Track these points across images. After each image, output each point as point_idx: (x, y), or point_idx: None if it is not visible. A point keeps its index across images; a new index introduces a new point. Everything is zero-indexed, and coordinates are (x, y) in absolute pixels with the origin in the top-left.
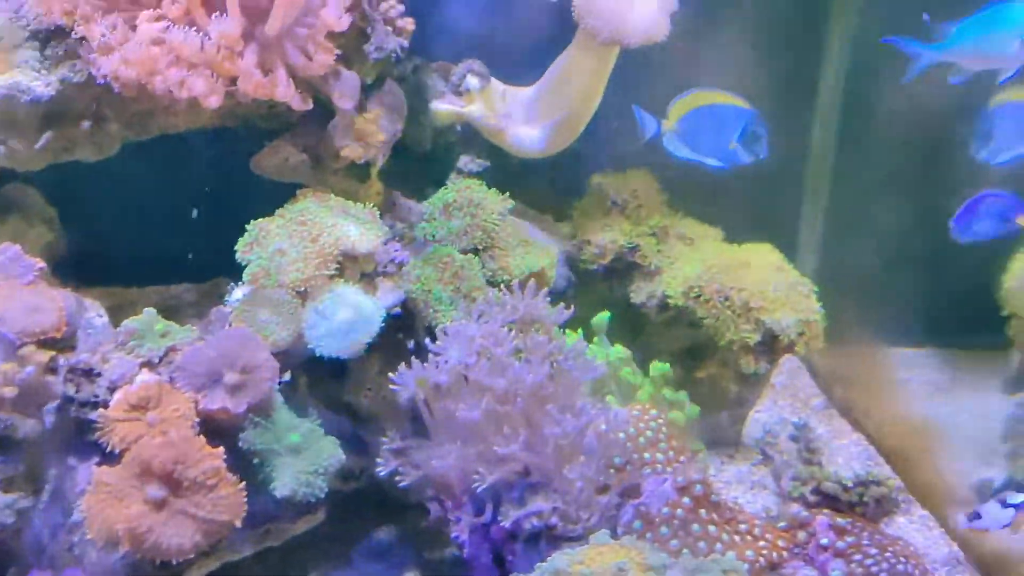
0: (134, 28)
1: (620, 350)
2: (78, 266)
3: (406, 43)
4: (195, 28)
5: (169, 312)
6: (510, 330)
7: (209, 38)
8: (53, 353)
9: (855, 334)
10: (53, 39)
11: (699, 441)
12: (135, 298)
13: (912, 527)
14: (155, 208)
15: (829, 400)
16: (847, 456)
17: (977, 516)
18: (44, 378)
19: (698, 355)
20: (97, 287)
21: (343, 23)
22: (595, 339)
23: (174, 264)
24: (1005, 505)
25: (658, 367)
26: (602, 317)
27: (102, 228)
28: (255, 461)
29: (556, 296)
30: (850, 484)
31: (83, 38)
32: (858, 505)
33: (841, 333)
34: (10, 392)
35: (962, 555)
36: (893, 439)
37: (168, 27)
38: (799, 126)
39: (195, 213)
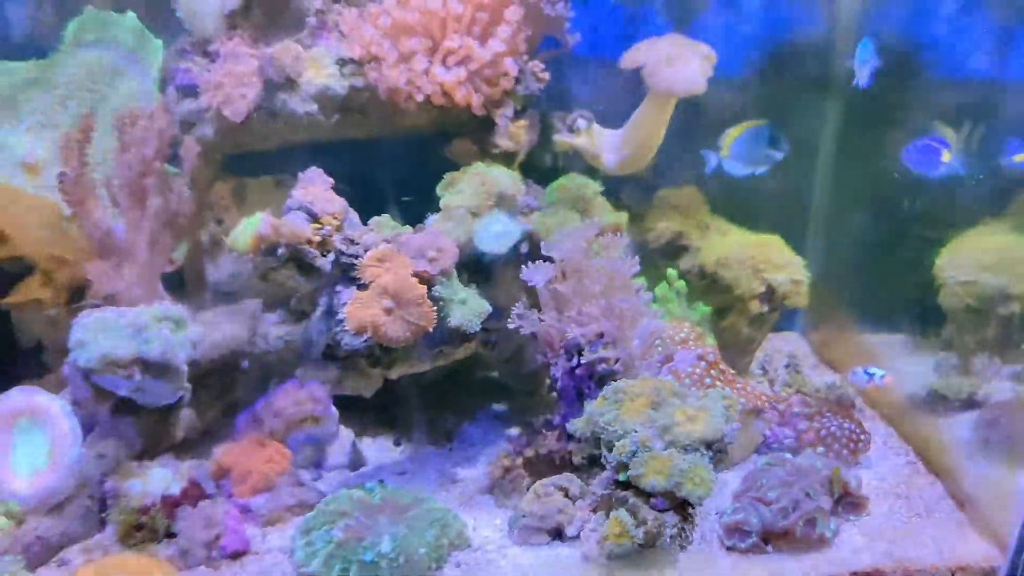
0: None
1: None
2: None
3: (542, 86)
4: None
5: None
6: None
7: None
8: (338, 224)
9: (843, 318)
10: (348, 63)
11: None
12: None
13: (864, 419)
14: (387, 179)
15: (819, 359)
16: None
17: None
18: (329, 239)
19: (725, 312)
20: None
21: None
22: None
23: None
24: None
25: (701, 308)
26: (672, 272)
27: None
28: (439, 304)
29: None
30: (820, 388)
31: (374, 58)
32: (825, 401)
33: (832, 317)
34: (316, 236)
35: (895, 432)
36: None
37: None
38: (808, 166)
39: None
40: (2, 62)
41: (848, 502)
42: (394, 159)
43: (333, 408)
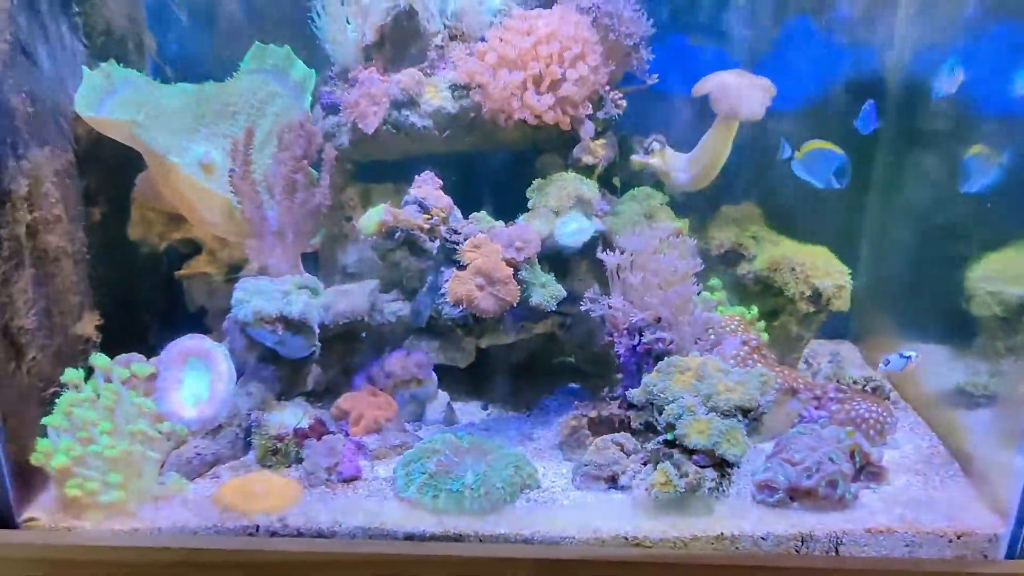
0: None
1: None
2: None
3: (621, 112)
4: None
5: None
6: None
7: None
8: (444, 216)
9: (890, 327)
10: (458, 88)
11: None
12: None
13: (896, 409)
14: (485, 184)
15: (867, 363)
16: None
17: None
18: (437, 227)
19: (777, 313)
20: None
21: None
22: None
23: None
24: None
25: (743, 309)
26: (715, 281)
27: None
28: (523, 286)
29: None
30: (859, 379)
31: (479, 86)
32: (861, 391)
33: (881, 325)
34: (426, 225)
35: (923, 421)
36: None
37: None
38: (863, 188)
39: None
40: (188, 83)
41: (869, 472)
42: (492, 168)
43: (434, 374)
